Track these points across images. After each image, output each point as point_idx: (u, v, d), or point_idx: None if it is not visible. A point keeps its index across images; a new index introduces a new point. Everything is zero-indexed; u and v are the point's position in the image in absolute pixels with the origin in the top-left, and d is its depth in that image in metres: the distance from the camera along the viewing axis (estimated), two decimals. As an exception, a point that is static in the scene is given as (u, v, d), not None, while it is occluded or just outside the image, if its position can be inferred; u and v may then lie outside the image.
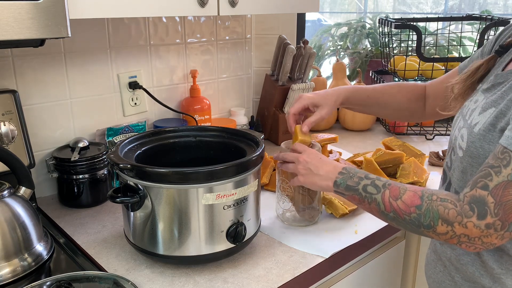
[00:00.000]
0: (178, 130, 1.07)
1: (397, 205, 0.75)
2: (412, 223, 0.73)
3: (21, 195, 0.93)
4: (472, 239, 0.68)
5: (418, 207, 0.72)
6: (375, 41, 2.10)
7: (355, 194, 0.81)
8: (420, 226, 0.73)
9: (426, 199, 0.73)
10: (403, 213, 0.74)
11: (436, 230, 0.71)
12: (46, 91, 1.19)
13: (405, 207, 0.74)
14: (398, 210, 0.75)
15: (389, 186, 0.77)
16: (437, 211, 0.70)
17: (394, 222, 0.77)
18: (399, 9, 5.01)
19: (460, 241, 0.70)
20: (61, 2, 0.77)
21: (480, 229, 0.67)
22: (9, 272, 0.85)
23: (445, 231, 0.70)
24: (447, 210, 0.70)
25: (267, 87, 1.66)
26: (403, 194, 0.75)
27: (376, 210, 0.78)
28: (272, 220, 1.09)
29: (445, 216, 0.70)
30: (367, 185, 0.79)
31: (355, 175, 0.82)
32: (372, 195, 0.78)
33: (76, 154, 1.14)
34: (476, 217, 0.67)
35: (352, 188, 0.81)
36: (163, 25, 1.39)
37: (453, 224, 0.69)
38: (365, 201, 0.79)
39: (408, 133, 1.75)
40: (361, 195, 0.80)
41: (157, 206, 0.84)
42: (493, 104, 0.74)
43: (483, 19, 1.68)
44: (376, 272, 1.16)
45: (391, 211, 0.76)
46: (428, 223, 0.71)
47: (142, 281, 0.86)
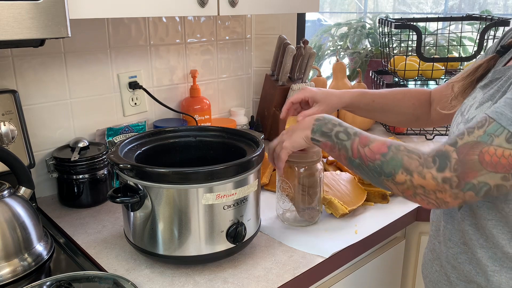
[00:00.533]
0: (178, 130, 1.07)
1: (364, 152, 0.75)
2: (374, 170, 0.74)
3: (21, 195, 0.93)
4: (427, 192, 0.68)
5: (383, 154, 0.73)
6: (375, 41, 2.10)
7: (328, 140, 0.81)
8: (381, 174, 0.73)
9: (393, 148, 0.73)
10: (368, 160, 0.74)
11: (395, 179, 0.71)
12: (46, 91, 1.19)
13: (371, 154, 0.74)
14: (363, 157, 0.75)
15: (360, 134, 0.78)
16: (401, 160, 0.70)
17: (358, 170, 0.77)
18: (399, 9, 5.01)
19: (415, 193, 0.70)
20: (61, 2, 0.77)
21: (436, 181, 0.67)
22: (9, 272, 0.85)
23: (403, 180, 0.70)
24: (410, 160, 0.70)
25: (267, 87, 1.66)
26: (372, 143, 0.75)
27: (344, 156, 0.79)
28: (272, 220, 1.09)
29: (407, 166, 0.70)
30: (339, 131, 0.80)
31: (330, 122, 0.83)
32: (342, 141, 0.79)
33: (76, 154, 1.14)
34: (435, 168, 0.67)
35: (326, 134, 0.82)
36: (163, 25, 1.39)
37: (412, 173, 0.69)
38: (336, 147, 0.80)
39: (408, 133, 1.75)
40: (333, 141, 0.80)
41: (157, 206, 0.84)
42: (490, 98, 0.75)
43: (483, 19, 1.68)
44: (376, 272, 1.16)
45: (357, 158, 0.76)
46: (389, 171, 0.71)
47: (142, 281, 0.86)
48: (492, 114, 0.66)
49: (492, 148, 0.64)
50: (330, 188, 1.13)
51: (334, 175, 1.20)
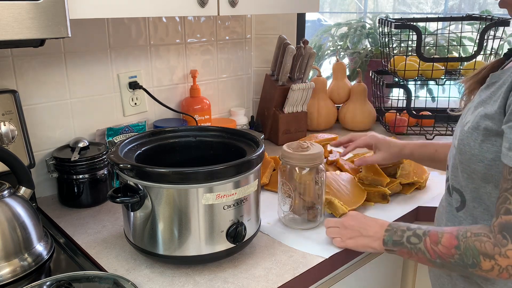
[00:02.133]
0: (178, 130, 1.07)
1: (439, 250, 0.75)
2: (458, 264, 0.73)
3: (21, 195, 0.93)
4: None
5: (457, 247, 0.73)
6: (375, 41, 2.10)
7: (402, 248, 0.81)
8: (466, 267, 0.72)
9: (461, 237, 0.73)
10: (447, 257, 0.74)
11: (482, 268, 0.70)
12: (46, 91, 1.19)
13: (446, 251, 0.74)
14: (442, 255, 0.75)
15: (428, 233, 0.78)
16: (475, 247, 0.71)
17: (445, 268, 0.77)
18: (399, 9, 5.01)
19: (510, 274, 0.69)
20: (61, 2, 0.77)
21: None
22: (9, 272, 0.85)
23: (490, 266, 0.69)
24: (483, 244, 0.70)
25: (267, 87, 1.66)
26: (441, 238, 0.75)
27: (424, 259, 0.78)
28: (272, 220, 1.09)
29: (483, 251, 0.70)
30: (410, 236, 0.80)
31: (398, 229, 0.83)
32: (416, 245, 0.79)
33: (76, 154, 1.14)
34: (511, 243, 0.67)
35: (398, 243, 0.82)
36: (163, 25, 1.39)
37: (494, 257, 0.69)
38: (412, 252, 0.80)
39: (408, 133, 1.75)
40: (407, 247, 0.80)
41: (157, 206, 0.84)
42: (483, 104, 0.76)
43: (483, 19, 1.68)
44: (376, 272, 1.16)
45: (437, 258, 0.76)
46: (472, 262, 0.71)
47: (142, 281, 0.86)
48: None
49: None
50: (330, 188, 1.13)
51: (334, 175, 1.20)
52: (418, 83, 1.84)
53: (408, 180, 1.21)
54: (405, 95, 1.72)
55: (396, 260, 1.23)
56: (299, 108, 1.64)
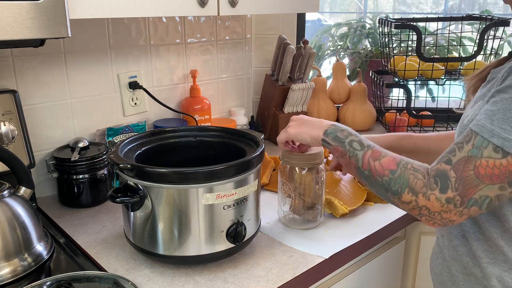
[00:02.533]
0: (178, 130, 1.07)
1: (374, 165, 0.76)
2: (382, 185, 0.75)
3: (21, 195, 0.93)
4: (432, 213, 0.70)
5: (392, 171, 0.74)
6: (375, 41, 2.10)
7: (340, 145, 0.82)
8: (388, 191, 0.74)
9: (401, 166, 0.74)
10: (376, 174, 0.76)
11: (401, 198, 0.72)
12: (46, 91, 1.19)
13: (381, 169, 0.75)
14: (373, 170, 0.76)
15: (373, 147, 0.79)
16: (407, 179, 0.72)
17: (367, 182, 0.79)
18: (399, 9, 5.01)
19: (421, 213, 0.71)
20: (61, 2, 0.77)
21: (440, 203, 0.69)
22: (9, 272, 0.85)
23: (409, 200, 0.71)
24: (416, 179, 0.71)
25: (267, 87, 1.66)
26: (383, 157, 0.76)
27: (354, 165, 0.80)
28: (272, 220, 1.09)
29: (412, 186, 0.71)
30: (353, 140, 0.82)
31: (345, 130, 0.84)
32: (355, 151, 0.80)
33: (76, 154, 1.14)
34: (438, 190, 0.69)
35: (339, 140, 0.83)
36: (163, 25, 1.39)
37: (417, 194, 0.70)
38: (347, 154, 0.81)
39: (408, 132, 1.75)
40: (345, 148, 0.81)
41: (157, 206, 0.84)
42: (482, 97, 0.77)
43: (483, 19, 1.68)
44: (376, 272, 1.16)
45: (367, 170, 0.77)
46: (396, 189, 0.73)
47: (142, 281, 0.86)
48: (475, 127, 0.68)
49: (483, 160, 0.66)
50: (330, 188, 1.13)
51: (334, 175, 1.20)
52: (418, 83, 1.84)
53: (408, 180, 1.21)
54: (405, 95, 1.72)
55: (396, 260, 1.23)
56: (299, 108, 1.64)
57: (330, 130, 0.86)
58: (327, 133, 0.86)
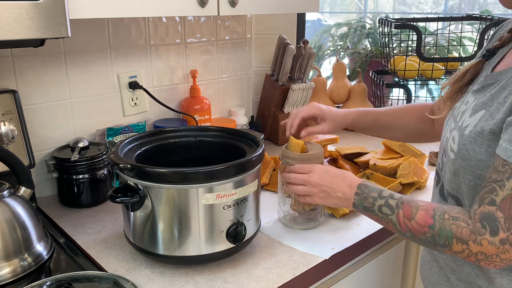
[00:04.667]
0: (178, 130, 1.07)
1: (411, 226, 0.75)
2: (428, 242, 0.74)
3: (21, 195, 0.93)
4: (489, 256, 0.68)
5: (431, 227, 0.73)
6: (375, 41, 2.10)
7: (373, 214, 0.82)
8: (436, 245, 0.73)
9: (438, 218, 0.72)
10: (418, 233, 0.74)
11: (452, 249, 0.71)
12: (46, 91, 1.19)
13: (419, 228, 0.74)
14: (413, 230, 0.75)
15: (402, 206, 0.77)
16: (450, 230, 0.70)
17: (412, 240, 0.78)
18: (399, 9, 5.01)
19: (478, 259, 0.69)
20: (61, 2, 0.77)
21: (495, 245, 0.67)
22: (9, 272, 0.85)
23: (461, 249, 0.70)
24: (460, 228, 0.70)
25: (267, 87, 1.66)
26: (415, 214, 0.75)
27: (394, 229, 0.79)
28: (272, 220, 1.09)
29: (459, 235, 0.70)
30: (381, 205, 0.80)
31: (369, 196, 0.83)
32: (387, 216, 0.79)
33: (76, 154, 1.14)
34: (489, 234, 0.67)
35: (369, 209, 0.82)
36: (163, 25, 1.39)
37: (467, 242, 0.69)
38: (383, 221, 0.81)
39: (408, 133, 1.75)
40: (378, 216, 0.81)
41: (157, 206, 0.84)
42: (484, 106, 0.74)
43: (483, 19, 1.68)
44: (376, 272, 1.16)
45: (407, 231, 0.76)
46: (443, 242, 0.71)
47: (142, 281, 0.86)
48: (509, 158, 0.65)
49: None
50: None
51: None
52: (418, 83, 1.84)
53: (408, 180, 1.21)
54: (405, 95, 1.72)
55: (396, 260, 1.23)
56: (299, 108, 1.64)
57: (357, 202, 0.85)
58: (356, 205, 0.85)
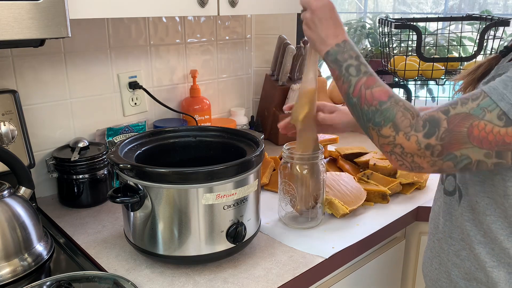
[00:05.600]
0: (178, 130, 1.07)
1: (364, 93, 0.74)
2: (366, 115, 0.73)
3: (21, 195, 0.93)
4: (405, 153, 0.68)
5: (381, 102, 0.72)
6: (375, 41, 2.10)
7: (337, 69, 0.79)
8: (370, 121, 0.72)
9: (393, 100, 0.72)
10: (364, 103, 0.73)
11: (381, 130, 0.71)
12: (46, 91, 1.19)
13: (370, 98, 0.73)
14: (362, 98, 0.74)
15: (369, 75, 0.76)
16: (395, 115, 0.70)
17: (352, 108, 0.77)
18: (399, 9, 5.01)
19: (393, 151, 0.70)
20: (61, 2, 0.77)
21: (419, 146, 0.67)
22: (9, 272, 0.85)
23: (388, 134, 0.70)
24: (403, 117, 0.69)
25: (267, 87, 1.66)
26: (376, 87, 0.74)
27: (345, 91, 0.77)
28: (272, 220, 1.09)
29: (397, 122, 0.69)
30: (351, 65, 0.77)
31: (348, 52, 0.79)
32: (349, 76, 0.77)
33: (76, 154, 1.14)
34: (423, 134, 0.67)
35: (338, 63, 0.79)
36: (163, 25, 1.39)
37: (399, 131, 0.69)
38: (341, 79, 0.78)
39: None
40: (341, 72, 0.78)
41: (157, 206, 0.84)
42: None
43: (483, 19, 1.68)
44: (376, 272, 1.16)
45: (356, 97, 0.75)
46: (379, 121, 0.71)
47: (142, 281, 0.86)
48: (487, 89, 0.65)
49: (482, 122, 0.64)
50: (330, 189, 1.13)
51: (334, 176, 1.20)
52: (418, 83, 1.84)
53: (408, 180, 1.21)
54: (405, 95, 1.72)
55: (396, 260, 1.23)
56: (299, 108, 1.64)
57: (332, 51, 0.81)
58: (329, 53, 0.81)
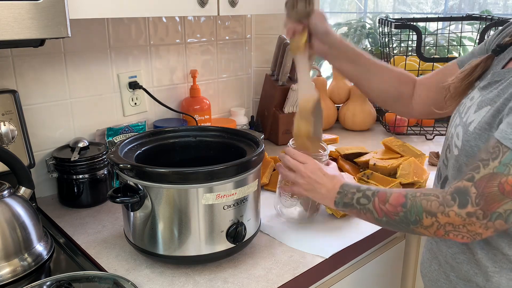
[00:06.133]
0: (178, 130, 1.07)
1: (386, 209, 0.77)
2: (401, 222, 0.76)
3: (21, 195, 0.93)
4: (457, 227, 0.69)
5: (403, 205, 0.75)
6: (375, 41, 2.10)
7: (352, 208, 0.84)
8: (409, 224, 0.75)
9: (410, 196, 0.75)
10: (392, 214, 0.77)
11: (423, 224, 0.73)
12: (46, 91, 1.19)
13: (393, 208, 0.76)
14: (388, 213, 0.77)
15: (377, 193, 0.80)
16: (421, 205, 0.72)
17: (388, 226, 0.80)
18: (399, 9, 5.01)
19: (446, 231, 0.71)
20: (61, 2, 0.77)
21: (461, 217, 0.68)
22: (9, 272, 0.85)
23: (430, 223, 0.72)
24: (429, 202, 0.72)
25: (267, 87, 1.66)
26: (389, 197, 0.77)
27: (372, 218, 0.81)
28: (272, 220, 1.09)
29: (428, 208, 0.71)
30: (359, 197, 0.82)
31: (349, 192, 0.85)
32: (365, 206, 0.81)
33: (76, 154, 1.14)
34: (457, 206, 0.68)
35: (349, 204, 0.84)
36: (163, 25, 1.39)
37: (436, 214, 0.70)
38: (361, 213, 0.82)
39: (408, 133, 1.75)
40: (357, 208, 0.83)
41: (157, 206, 0.84)
42: (489, 103, 0.74)
43: (483, 19, 1.68)
44: (376, 272, 1.16)
45: (383, 216, 0.78)
46: (415, 218, 0.73)
47: (142, 281, 0.86)
48: (505, 141, 0.65)
49: (510, 178, 0.64)
50: None
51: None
52: (418, 83, 1.83)
53: (408, 180, 1.21)
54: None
55: (396, 260, 1.23)
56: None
57: (338, 200, 0.86)
58: (336, 203, 0.87)
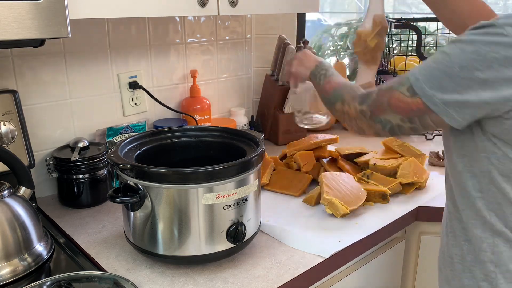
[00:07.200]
0: (178, 130, 1.07)
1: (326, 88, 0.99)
2: (329, 100, 0.97)
3: (21, 195, 0.93)
4: (350, 118, 0.89)
5: (334, 88, 0.96)
6: (375, 41, 2.09)
7: (315, 79, 1.05)
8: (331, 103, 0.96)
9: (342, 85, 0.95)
10: (326, 93, 0.99)
11: (336, 106, 0.94)
12: (46, 91, 1.19)
13: (328, 88, 0.98)
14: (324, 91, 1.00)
15: (329, 76, 1.01)
16: (343, 94, 0.92)
17: (323, 100, 1.01)
18: (399, 9, 5.00)
19: (344, 119, 0.92)
20: (61, 2, 0.77)
21: (356, 111, 0.87)
22: (9, 272, 0.85)
23: (340, 108, 0.92)
24: (349, 94, 0.91)
25: (267, 87, 1.66)
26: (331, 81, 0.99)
27: (318, 89, 1.03)
28: (272, 220, 1.09)
29: (343, 97, 0.92)
30: (322, 74, 1.03)
31: (322, 68, 1.05)
32: (319, 81, 1.03)
33: (76, 154, 1.14)
34: (358, 103, 0.87)
35: (316, 77, 1.05)
36: (163, 25, 1.39)
37: (345, 103, 0.90)
38: (316, 84, 1.05)
39: (408, 133, 1.75)
40: (316, 80, 1.04)
41: (157, 206, 0.84)
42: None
43: (483, 19, 1.68)
44: (376, 272, 1.16)
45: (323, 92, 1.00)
46: (334, 100, 0.95)
47: (142, 281, 0.86)
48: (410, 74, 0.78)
49: (397, 93, 0.78)
50: (330, 189, 1.12)
51: (334, 176, 1.20)
52: (418, 83, 1.83)
53: (408, 180, 1.21)
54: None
55: (396, 260, 1.23)
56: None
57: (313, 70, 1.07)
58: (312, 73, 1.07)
